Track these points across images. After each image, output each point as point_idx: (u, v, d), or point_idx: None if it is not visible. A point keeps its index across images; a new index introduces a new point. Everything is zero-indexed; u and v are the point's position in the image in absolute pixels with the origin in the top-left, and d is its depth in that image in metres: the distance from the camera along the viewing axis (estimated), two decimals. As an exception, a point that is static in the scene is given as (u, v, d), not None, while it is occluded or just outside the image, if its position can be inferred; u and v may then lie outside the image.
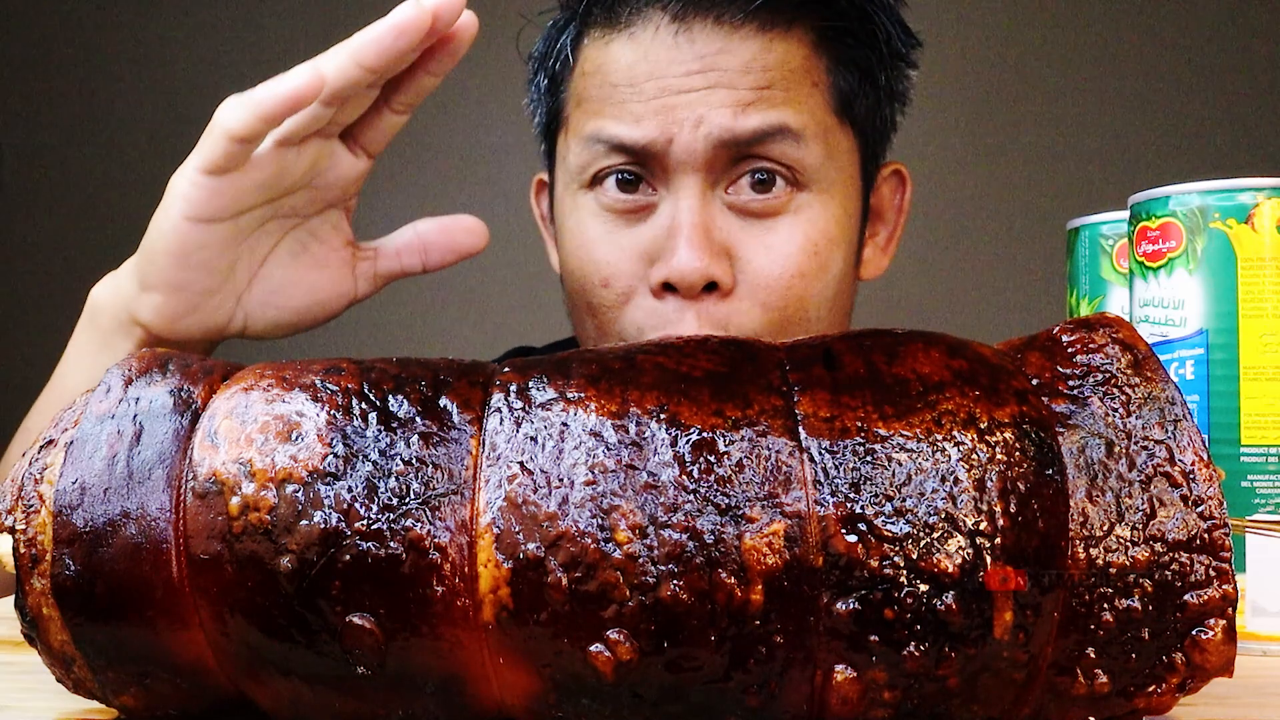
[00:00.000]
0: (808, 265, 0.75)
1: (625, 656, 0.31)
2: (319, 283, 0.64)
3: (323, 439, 0.33)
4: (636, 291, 0.76)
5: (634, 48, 0.75)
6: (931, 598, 0.30)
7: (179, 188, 0.58)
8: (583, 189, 0.78)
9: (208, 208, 0.57)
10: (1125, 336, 0.35)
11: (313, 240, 0.64)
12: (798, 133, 0.74)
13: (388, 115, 0.61)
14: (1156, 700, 0.33)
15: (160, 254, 0.59)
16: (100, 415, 0.35)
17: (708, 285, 0.73)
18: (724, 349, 0.34)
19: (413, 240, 0.66)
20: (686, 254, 0.72)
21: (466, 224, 0.66)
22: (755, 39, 0.74)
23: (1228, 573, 0.32)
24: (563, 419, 0.32)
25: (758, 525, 0.31)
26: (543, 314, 0.81)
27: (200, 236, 0.58)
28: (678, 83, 0.73)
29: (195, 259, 0.59)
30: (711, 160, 0.74)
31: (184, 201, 0.57)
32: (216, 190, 0.57)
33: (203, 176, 0.57)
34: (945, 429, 0.32)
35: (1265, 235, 0.58)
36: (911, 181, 0.88)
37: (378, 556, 0.31)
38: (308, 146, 0.59)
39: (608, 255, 0.76)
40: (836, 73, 0.77)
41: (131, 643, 0.33)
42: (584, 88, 0.77)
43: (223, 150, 0.56)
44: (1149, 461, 0.32)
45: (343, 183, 0.62)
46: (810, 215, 0.76)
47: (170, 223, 0.58)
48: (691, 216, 0.73)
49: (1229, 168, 0.78)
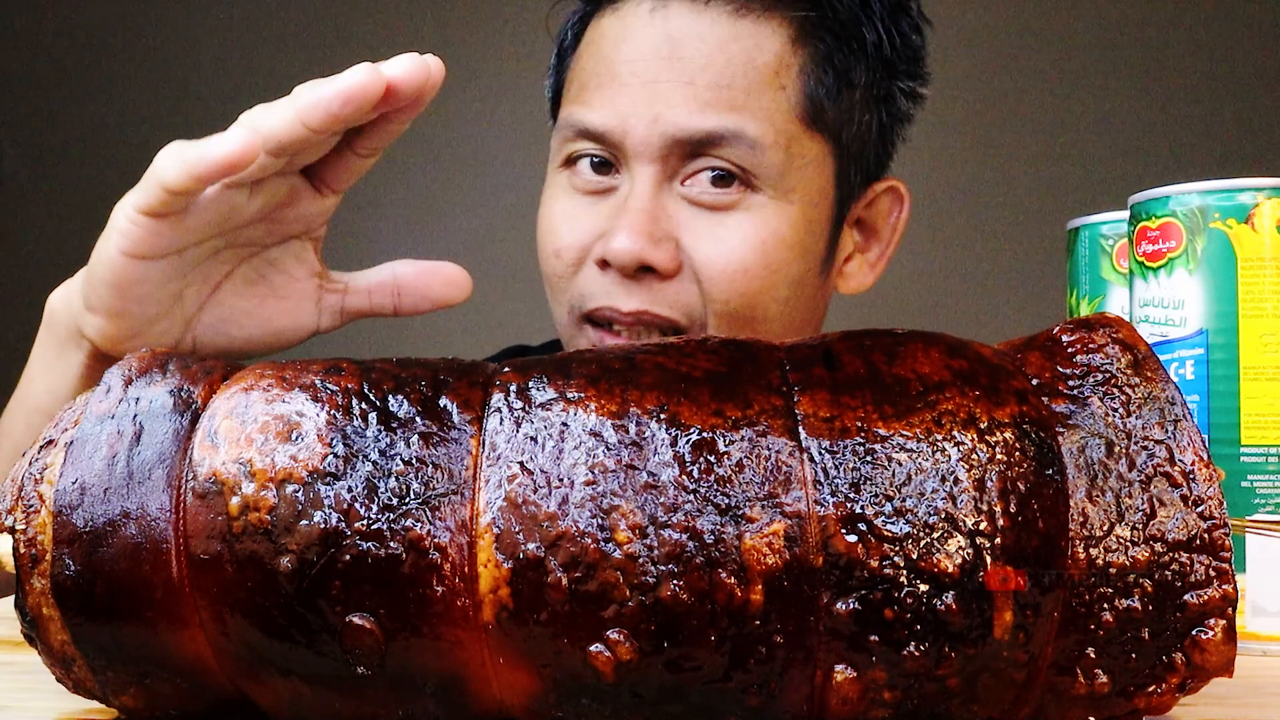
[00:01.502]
0: (753, 262, 0.77)
1: (625, 656, 0.31)
2: (275, 313, 0.59)
3: (323, 439, 0.33)
4: (585, 263, 0.80)
5: (617, 22, 0.79)
6: (931, 598, 0.30)
7: (118, 222, 0.53)
8: (559, 169, 0.82)
9: (145, 246, 0.53)
10: (1125, 336, 0.35)
11: (272, 270, 0.59)
12: (753, 140, 0.76)
13: (352, 158, 0.56)
14: (1156, 700, 0.33)
15: (99, 282, 0.55)
16: (100, 415, 0.35)
17: (644, 267, 0.76)
18: (724, 349, 0.34)
19: (387, 281, 0.61)
20: (624, 236, 0.76)
21: (447, 273, 0.60)
22: (725, 22, 0.76)
23: (1228, 573, 0.32)
24: (563, 419, 0.32)
25: (758, 525, 0.31)
26: (541, 314, 0.81)
27: (138, 272, 0.54)
28: (645, 68, 0.76)
29: (134, 292, 0.54)
30: (665, 154, 0.77)
31: (121, 237, 0.53)
32: (155, 230, 0.53)
33: (140, 216, 0.53)
34: (945, 429, 0.32)
35: (1265, 235, 0.58)
36: (910, 196, 0.87)
37: (378, 556, 0.31)
38: (262, 187, 0.54)
39: (564, 229, 0.81)
40: (810, 74, 0.78)
41: (131, 643, 0.33)
42: (576, 69, 0.82)
43: (157, 198, 0.51)
44: (1149, 461, 0.32)
45: (305, 219, 0.58)
46: (763, 216, 0.78)
47: (108, 255, 0.54)
48: (638, 202, 0.77)
49: (1229, 168, 0.78)
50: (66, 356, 0.59)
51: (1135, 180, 0.83)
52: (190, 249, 0.54)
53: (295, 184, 0.56)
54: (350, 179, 0.57)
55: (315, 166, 0.56)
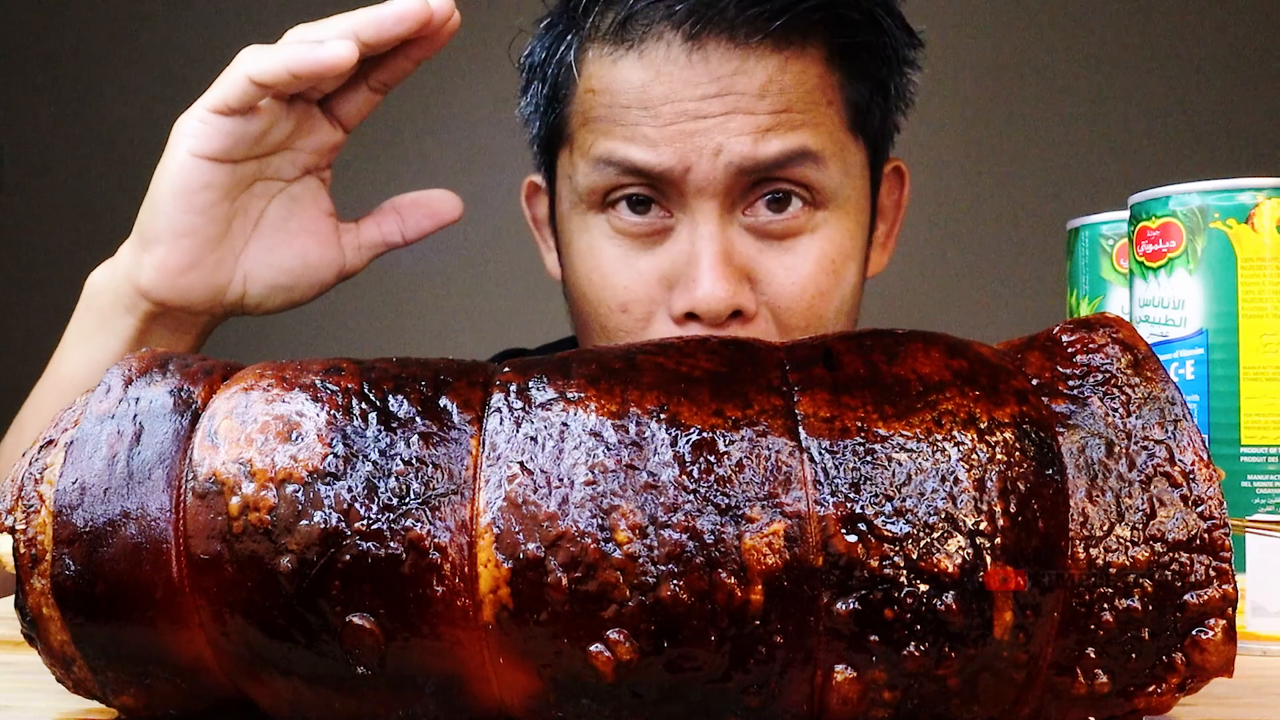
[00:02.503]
0: (826, 283, 0.75)
1: (625, 656, 0.31)
2: (309, 246, 0.67)
3: (323, 439, 0.33)
4: (655, 317, 0.75)
5: (645, 67, 0.73)
6: (931, 598, 0.30)
7: (187, 126, 0.61)
8: (593, 210, 0.76)
9: (214, 145, 0.61)
10: (1125, 336, 0.35)
11: (297, 205, 0.67)
12: (818, 154, 0.74)
13: (364, 91, 0.65)
14: (1156, 700, 0.33)
15: (166, 196, 0.62)
16: (100, 415, 0.35)
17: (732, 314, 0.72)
18: (724, 349, 0.34)
19: (389, 212, 0.70)
20: (711, 284, 0.71)
21: (440, 194, 0.70)
22: (771, 58, 0.73)
23: (1228, 573, 0.32)
24: (563, 419, 0.32)
25: (758, 525, 0.31)
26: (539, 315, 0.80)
27: (205, 175, 0.61)
28: (694, 107, 0.72)
29: (199, 199, 0.62)
30: (730, 186, 0.73)
31: (192, 139, 0.61)
32: (223, 129, 0.61)
33: (212, 115, 0.60)
34: (945, 429, 0.32)
35: (1265, 235, 0.58)
36: (910, 177, 0.88)
37: (378, 556, 0.31)
38: (294, 107, 0.63)
39: (625, 280, 0.75)
40: (850, 88, 0.77)
41: (131, 643, 0.33)
42: (590, 105, 0.75)
43: (240, 90, 0.59)
44: (1149, 461, 0.32)
45: (320, 149, 0.66)
46: (828, 233, 0.76)
47: (177, 161, 0.61)
48: (713, 245, 0.72)
49: (1229, 168, 0.78)
50: (111, 326, 0.65)
51: (1135, 180, 0.83)
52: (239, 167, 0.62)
53: (314, 113, 0.65)
54: (359, 115, 0.66)
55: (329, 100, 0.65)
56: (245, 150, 0.62)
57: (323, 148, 0.66)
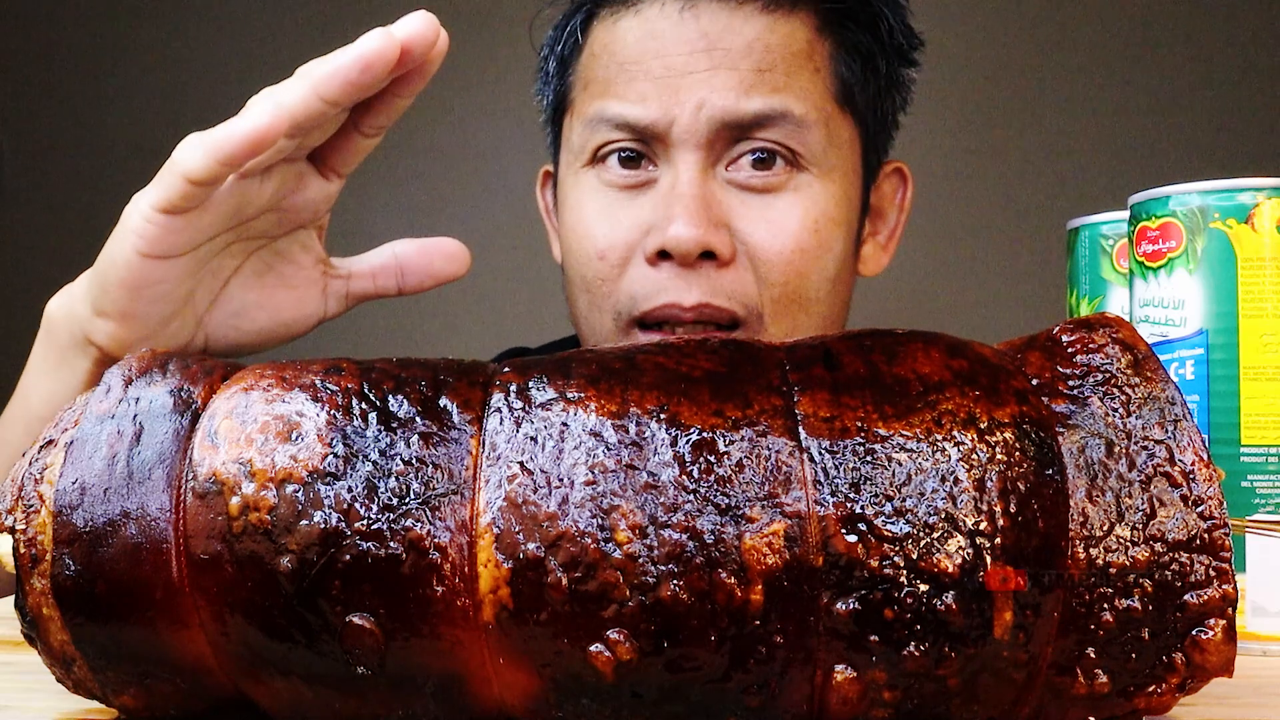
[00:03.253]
0: (808, 241, 0.77)
1: (625, 656, 0.31)
2: (284, 303, 0.60)
3: (323, 439, 0.33)
4: (631, 262, 0.77)
5: (640, 24, 0.77)
6: (931, 598, 0.30)
7: (133, 222, 0.53)
8: (584, 166, 0.80)
9: (163, 245, 0.53)
10: (1125, 336, 0.35)
11: (279, 260, 0.60)
12: (799, 118, 0.76)
13: (358, 139, 0.57)
14: (1156, 700, 0.33)
15: (113, 285, 0.54)
16: (100, 415, 0.35)
17: (705, 254, 0.74)
18: (724, 349, 0.34)
19: (389, 262, 0.62)
20: (683, 221, 0.74)
21: (447, 249, 0.62)
22: (759, 19, 0.76)
23: (1228, 573, 0.32)
24: (563, 419, 0.32)
25: (758, 525, 0.31)
26: (542, 313, 0.81)
27: (155, 273, 0.54)
28: (682, 62, 0.75)
29: (150, 293, 0.54)
30: (712, 139, 0.76)
31: (138, 238, 0.53)
32: (172, 228, 0.53)
33: (158, 214, 0.52)
34: (945, 429, 0.32)
35: (1265, 235, 0.58)
36: (913, 181, 0.89)
37: (378, 556, 0.31)
38: (272, 174, 0.55)
39: (604, 229, 0.78)
40: (839, 59, 0.79)
41: (131, 643, 0.33)
42: (591, 69, 0.80)
43: (179, 192, 0.51)
44: (1149, 461, 0.32)
45: (312, 205, 0.58)
46: (811, 194, 0.77)
47: (123, 257, 0.54)
48: (690, 188, 0.75)
49: (1229, 168, 0.78)
50: (69, 363, 0.58)
51: (1135, 180, 0.83)
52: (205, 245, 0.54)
53: (302, 169, 0.56)
54: (354, 161, 0.57)
55: (320, 151, 0.56)
56: (205, 236, 0.54)
57: (314, 203, 0.58)
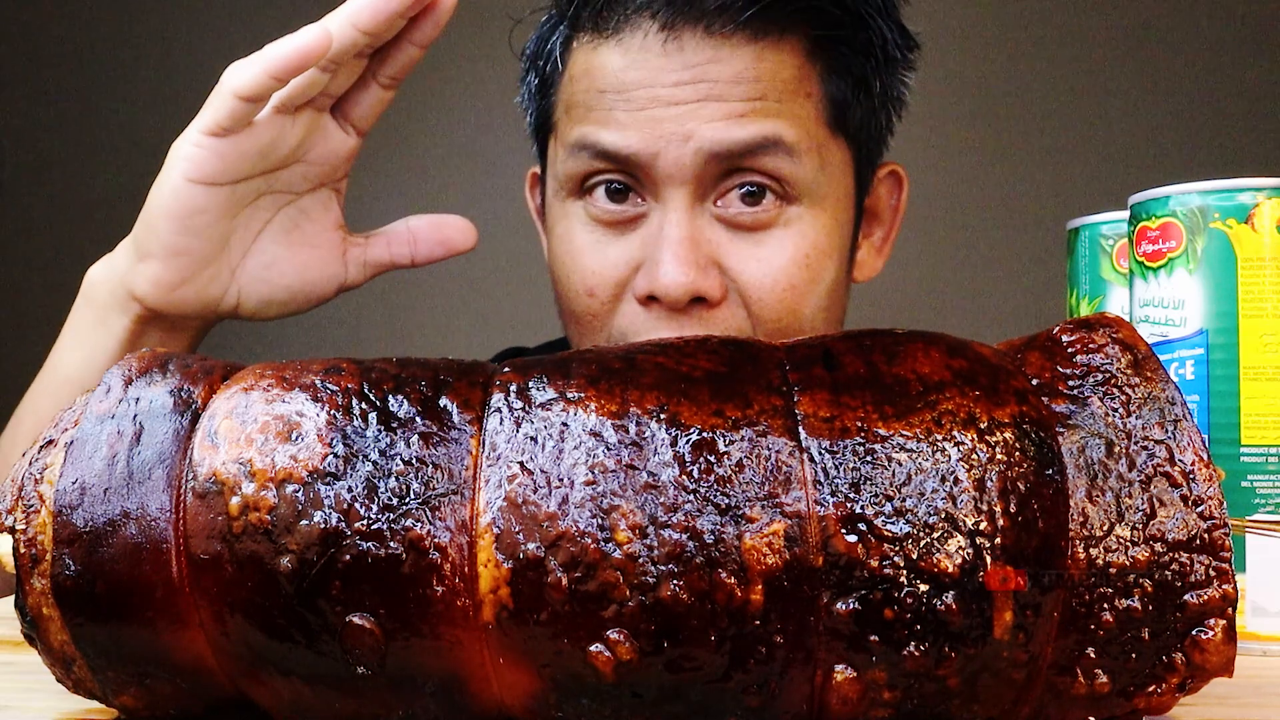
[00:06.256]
0: (799, 277, 0.75)
1: (625, 656, 0.31)
2: (310, 262, 0.66)
3: (323, 439, 0.33)
4: (622, 299, 0.76)
5: (622, 54, 0.74)
6: (931, 598, 0.30)
7: (181, 150, 0.59)
8: (571, 197, 0.77)
9: (209, 169, 0.59)
10: (1125, 336, 0.35)
11: (304, 218, 0.65)
12: (791, 146, 0.73)
13: (375, 89, 0.63)
14: (1156, 700, 0.33)
15: (160, 218, 0.60)
16: (100, 415, 0.35)
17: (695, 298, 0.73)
18: (724, 349, 0.34)
19: (403, 232, 0.68)
20: (671, 267, 0.71)
21: (457, 223, 0.69)
22: (747, 48, 0.73)
23: (1228, 573, 0.32)
24: (563, 419, 0.32)
25: (758, 525, 0.31)
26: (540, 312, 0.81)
27: (200, 200, 0.60)
28: (667, 93, 0.72)
29: (194, 222, 0.60)
30: (701, 174, 0.73)
31: (186, 163, 0.59)
32: (218, 152, 0.59)
33: (206, 138, 0.59)
34: (945, 429, 0.32)
35: (1265, 235, 0.58)
36: (909, 181, 0.88)
37: (378, 556, 0.31)
38: (301, 116, 0.61)
39: (593, 265, 0.76)
40: (830, 82, 0.76)
41: (131, 643, 0.33)
42: (572, 93, 0.77)
43: (229, 110, 0.57)
44: (1149, 461, 0.32)
45: (334, 159, 0.65)
46: (801, 228, 0.75)
47: (171, 185, 0.60)
48: (678, 230, 0.72)
49: (1229, 168, 0.78)
50: (107, 324, 0.64)
51: (1135, 180, 0.83)
52: (241, 184, 0.61)
53: (325, 121, 0.63)
54: (372, 115, 0.64)
55: (341, 104, 0.63)
56: (245, 170, 0.60)
57: (336, 158, 0.65)
